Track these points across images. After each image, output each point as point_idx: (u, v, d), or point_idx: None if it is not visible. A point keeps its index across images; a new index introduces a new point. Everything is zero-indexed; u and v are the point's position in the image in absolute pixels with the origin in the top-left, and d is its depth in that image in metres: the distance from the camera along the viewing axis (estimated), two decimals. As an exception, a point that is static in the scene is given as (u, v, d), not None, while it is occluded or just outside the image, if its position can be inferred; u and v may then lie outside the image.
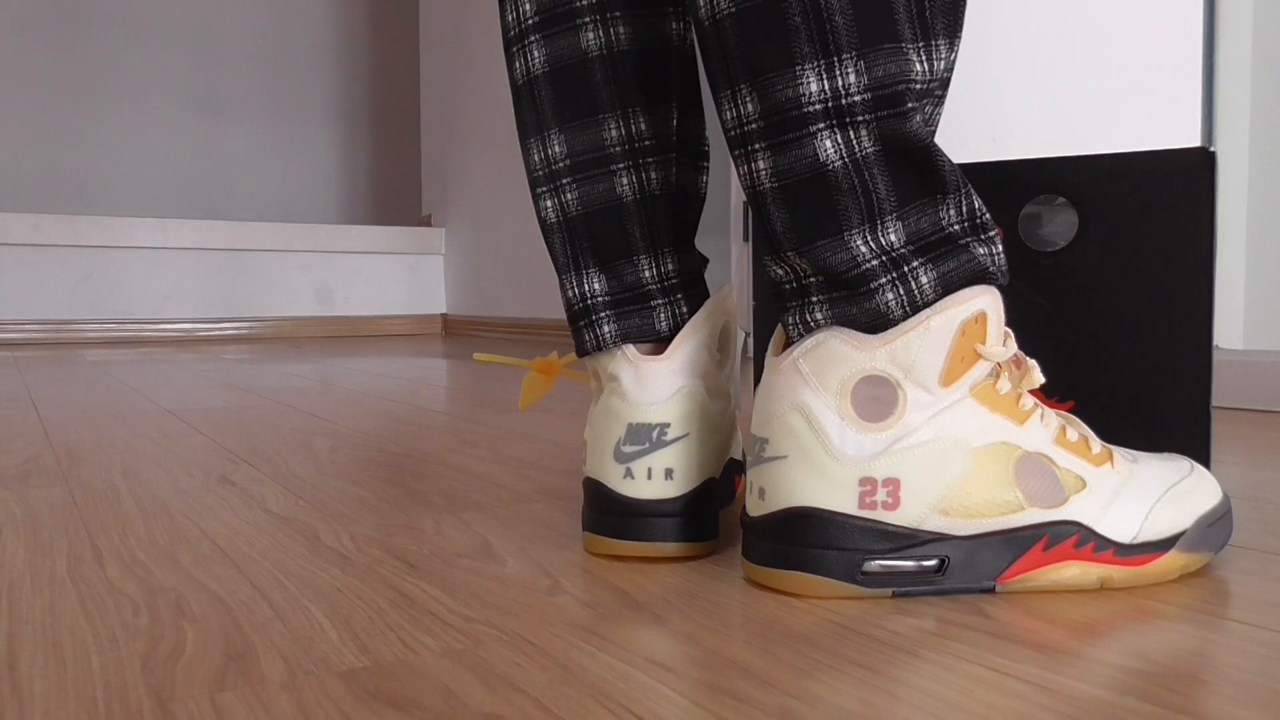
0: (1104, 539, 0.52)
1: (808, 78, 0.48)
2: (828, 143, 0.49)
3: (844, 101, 0.48)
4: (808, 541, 0.51)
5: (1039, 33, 1.55)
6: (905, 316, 0.50)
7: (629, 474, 0.58)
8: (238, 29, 3.81)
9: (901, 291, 0.50)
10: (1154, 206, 0.76)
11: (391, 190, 4.14)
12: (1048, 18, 1.54)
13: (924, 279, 0.50)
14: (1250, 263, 1.47)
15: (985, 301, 0.50)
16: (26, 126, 3.46)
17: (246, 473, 0.89)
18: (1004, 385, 0.52)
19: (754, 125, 0.50)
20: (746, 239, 2.26)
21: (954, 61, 0.51)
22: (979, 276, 0.51)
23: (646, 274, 0.61)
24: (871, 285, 0.50)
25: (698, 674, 0.42)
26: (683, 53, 0.62)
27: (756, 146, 0.51)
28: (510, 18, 0.63)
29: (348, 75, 4.02)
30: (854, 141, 0.49)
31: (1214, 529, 0.55)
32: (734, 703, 0.39)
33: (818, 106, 0.48)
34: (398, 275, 3.78)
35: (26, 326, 3.16)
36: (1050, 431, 0.53)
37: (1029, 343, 0.79)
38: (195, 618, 0.49)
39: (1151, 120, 1.44)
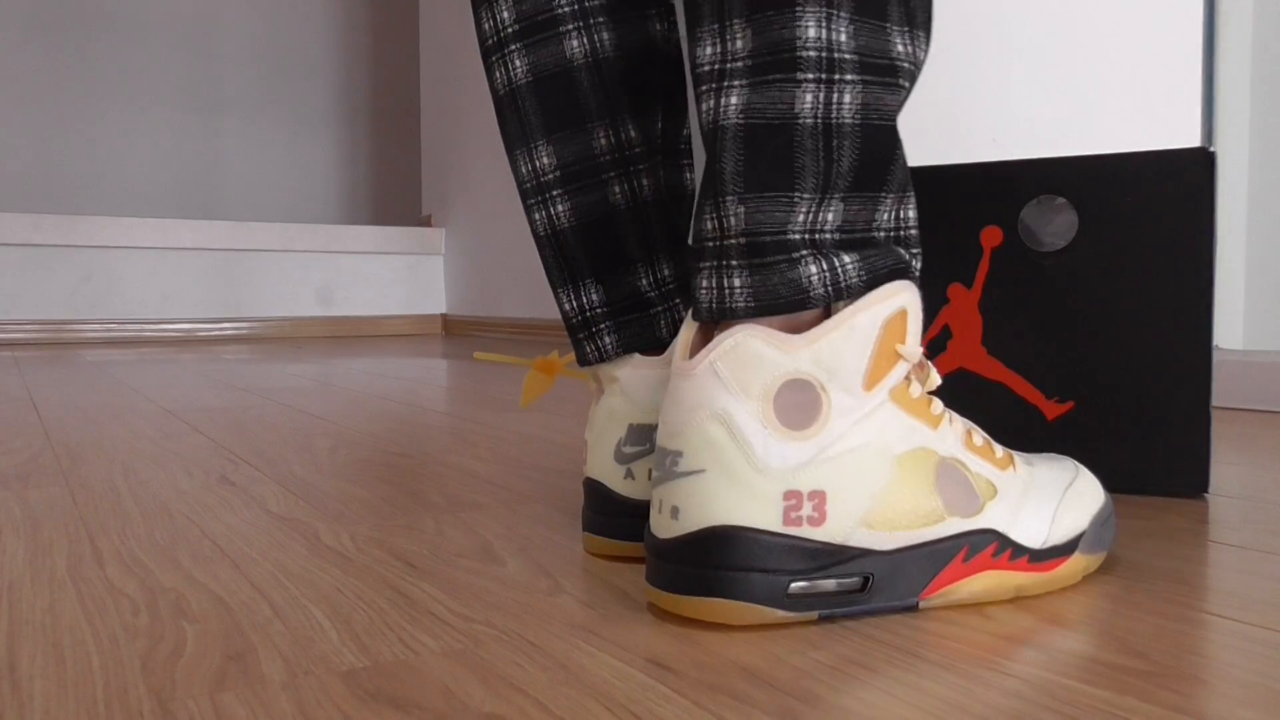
0: (1019, 546, 0.51)
1: (807, 22, 0.47)
2: (809, 96, 0.48)
3: (835, 55, 0.47)
4: (729, 564, 0.47)
5: (1039, 33, 1.55)
6: (826, 297, 0.48)
7: (630, 474, 0.58)
8: (238, 29, 3.81)
9: (825, 266, 0.48)
10: (1154, 206, 0.76)
11: (391, 190, 4.14)
12: (1048, 18, 1.54)
13: (846, 258, 0.49)
14: (1250, 263, 1.47)
15: (906, 298, 0.49)
16: (27, 126, 3.46)
17: (246, 473, 0.89)
18: (915, 388, 0.50)
19: (739, 63, 0.49)
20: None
21: (924, 59, 0.51)
22: (900, 272, 0.50)
23: (643, 282, 0.61)
24: (793, 256, 0.48)
25: (698, 674, 0.42)
26: (667, 54, 0.62)
27: (734, 83, 0.49)
28: (487, 26, 0.61)
29: (348, 75, 4.02)
30: (833, 105, 0.48)
31: (1105, 528, 0.55)
32: (734, 703, 0.39)
33: (812, 54, 0.47)
34: (398, 275, 3.78)
35: (26, 326, 3.16)
36: (959, 436, 0.51)
37: (1029, 343, 0.79)
38: (195, 618, 0.49)
39: (1151, 120, 1.44)
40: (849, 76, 0.48)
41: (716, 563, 0.47)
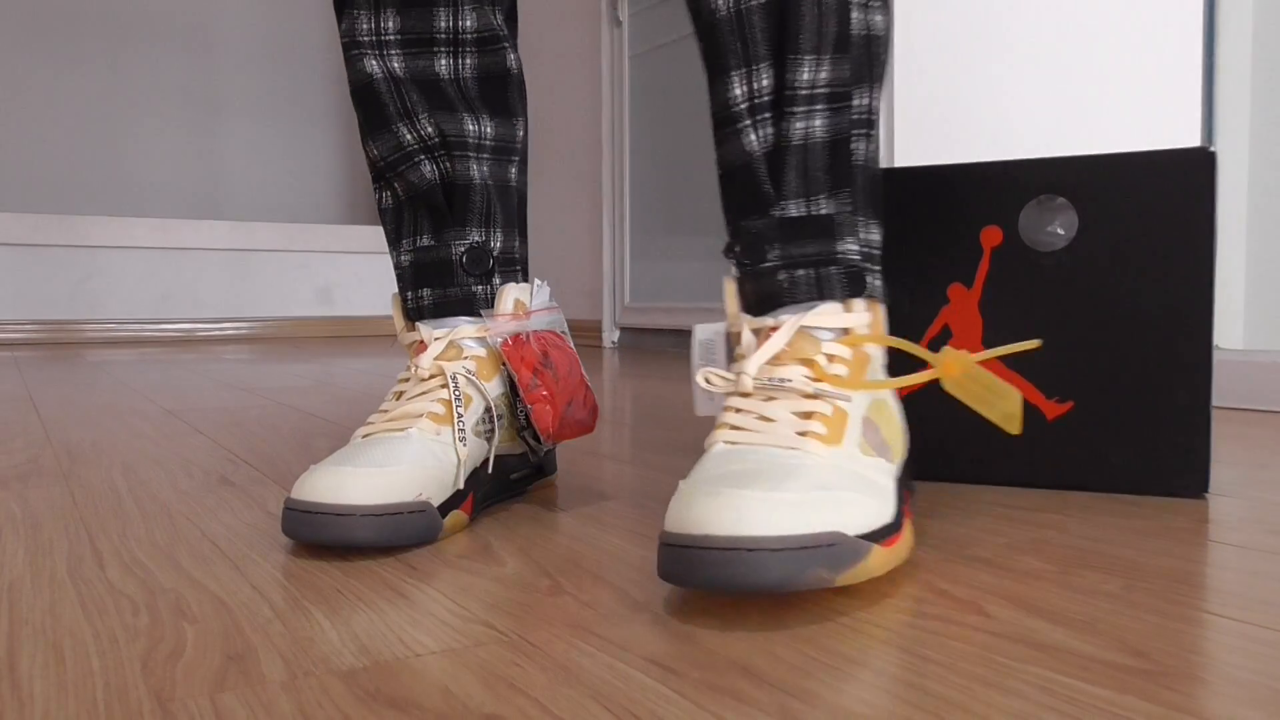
0: None
1: (805, 65, 0.59)
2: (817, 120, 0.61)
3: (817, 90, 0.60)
4: None
5: (1039, 33, 1.55)
6: None
7: None
8: (238, 29, 3.81)
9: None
10: (1154, 206, 0.76)
11: (391, 190, 4.13)
12: (1048, 18, 1.54)
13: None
14: (1250, 263, 1.47)
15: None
16: (27, 127, 3.46)
17: (246, 473, 0.89)
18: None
19: (765, 99, 0.60)
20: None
21: (877, 106, 0.63)
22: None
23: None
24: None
25: (698, 674, 0.42)
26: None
27: (764, 117, 0.60)
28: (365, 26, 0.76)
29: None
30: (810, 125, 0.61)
31: None
32: (734, 703, 0.39)
33: (804, 91, 0.60)
34: (398, 275, 3.78)
35: (26, 326, 3.16)
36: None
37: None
38: (195, 618, 0.49)
39: (1151, 120, 1.44)
40: (820, 105, 0.63)
41: None
